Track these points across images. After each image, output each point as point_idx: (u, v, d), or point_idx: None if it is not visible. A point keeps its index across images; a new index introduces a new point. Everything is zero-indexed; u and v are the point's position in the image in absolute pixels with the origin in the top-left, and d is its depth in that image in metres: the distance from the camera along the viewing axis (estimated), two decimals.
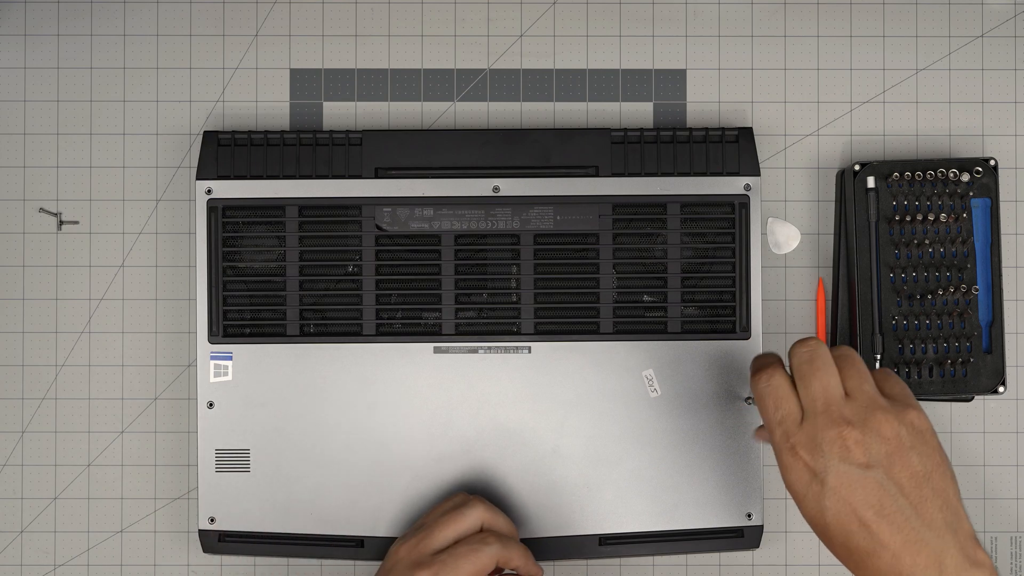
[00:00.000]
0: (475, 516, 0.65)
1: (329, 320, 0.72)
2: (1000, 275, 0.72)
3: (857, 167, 0.72)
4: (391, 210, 0.72)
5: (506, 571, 0.66)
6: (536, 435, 0.71)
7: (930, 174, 0.71)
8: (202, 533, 0.71)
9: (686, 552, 0.72)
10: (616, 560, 0.75)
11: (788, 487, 0.59)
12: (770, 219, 0.75)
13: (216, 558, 0.74)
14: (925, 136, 0.76)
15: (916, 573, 0.55)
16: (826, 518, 0.57)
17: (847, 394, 0.59)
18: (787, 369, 0.62)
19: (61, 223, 0.75)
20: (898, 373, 0.71)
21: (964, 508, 0.57)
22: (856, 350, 0.72)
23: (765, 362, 0.62)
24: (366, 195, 0.72)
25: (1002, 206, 0.74)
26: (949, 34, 0.76)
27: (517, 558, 0.65)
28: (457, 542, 0.64)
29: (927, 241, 0.71)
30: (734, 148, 0.72)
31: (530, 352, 0.72)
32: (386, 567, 0.65)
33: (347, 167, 0.72)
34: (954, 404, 0.75)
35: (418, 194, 0.72)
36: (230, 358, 0.71)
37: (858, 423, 0.57)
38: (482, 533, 0.65)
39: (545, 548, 0.71)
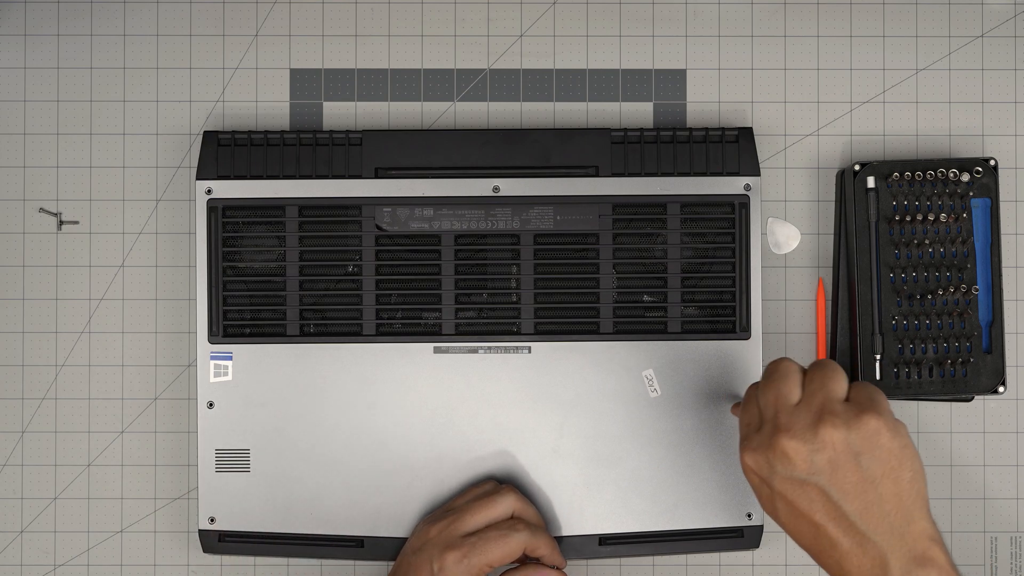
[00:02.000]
0: (507, 504, 0.67)
1: (329, 320, 0.72)
2: (1000, 275, 0.72)
3: (857, 167, 0.72)
4: (391, 210, 0.72)
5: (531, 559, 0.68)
6: (536, 435, 0.71)
7: (930, 174, 0.71)
8: (202, 533, 0.71)
9: (686, 552, 0.72)
10: (616, 560, 0.75)
11: (751, 486, 0.62)
12: (770, 219, 0.75)
13: (216, 558, 0.74)
14: (925, 136, 0.76)
15: (864, 574, 0.57)
16: (780, 518, 0.60)
17: (802, 401, 0.60)
18: None
19: (61, 223, 0.75)
20: (898, 373, 0.71)
21: (925, 508, 0.58)
22: (856, 350, 0.72)
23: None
24: (366, 195, 0.72)
25: (1002, 206, 0.74)
26: (949, 34, 0.76)
27: (544, 547, 0.67)
28: (487, 527, 0.66)
29: (927, 241, 0.71)
30: (734, 148, 0.72)
31: (530, 352, 0.72)
32: (414, 546, 0.67)
33: (347, 167, 0.72)
34: (954, 404, 0.75)
35: (418, 194, 0.72)
36: (230, 358, 0.71)
37: (800, 432, 0.58)
38: (512, 520, 0.67)
39: None
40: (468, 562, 0.64)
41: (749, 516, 0.71)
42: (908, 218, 0.71)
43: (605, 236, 0.72)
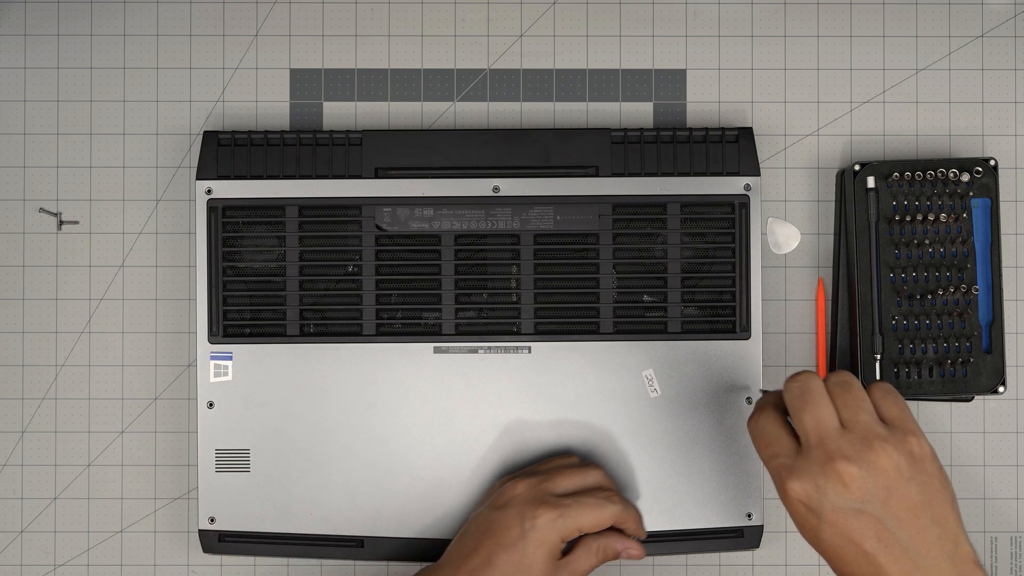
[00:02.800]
0: (597, 476, 0.67)
1: (329, 320, 0.72)
2: (1000, 275, 0.72)
3: (857, 167, 0.72)
4: (391, 210, 0.72)
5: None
6: (536, 435, 0.71)
7: (930, 174, 0.71)
8: (202, 533, 0.71)
9: (686, 552, 0.72)
10: (616, 560, 0.74)
11: (789, 514, 0.60)
12: (770, 219, 0.75)
13: (216, 558, 0.74)
14: (925, 136, 0.76)
15: None
16: (823, 546, 0.58)
17: (843, 425, 0.59)
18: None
19: (61, 223, 0.75)
20: (898, 373, 0.71)
21: (964, 531, 0.58)
22: (856, 350, 0.72)
23: (763, 401, 0.63)
24: (366, 195, 0.72)
25: (1002, 206, 0.74)
26: (949, 34, 0.76)
27: (631, 522, 0.67)
28: (581, 492, 0.66)
29: (927, 241, 0.71)
30: (734, 148, 0.72)
31: (530, 352, 0.72)
32: (497, 503, 0.66)
33: (347, 167, 0.72)
34: (954, 404, 0.75)
35: (418, 194, 0.72)
36: (230, 358, 0.71)
37: (854, 457, 0.57)
38: (608, 492, 0.67)
39: None
40: (562, 522, 0.64)
41: (749, 516, 0.71)
42: (908, 218, 0.71)
43: (605, 236, 0.72)
